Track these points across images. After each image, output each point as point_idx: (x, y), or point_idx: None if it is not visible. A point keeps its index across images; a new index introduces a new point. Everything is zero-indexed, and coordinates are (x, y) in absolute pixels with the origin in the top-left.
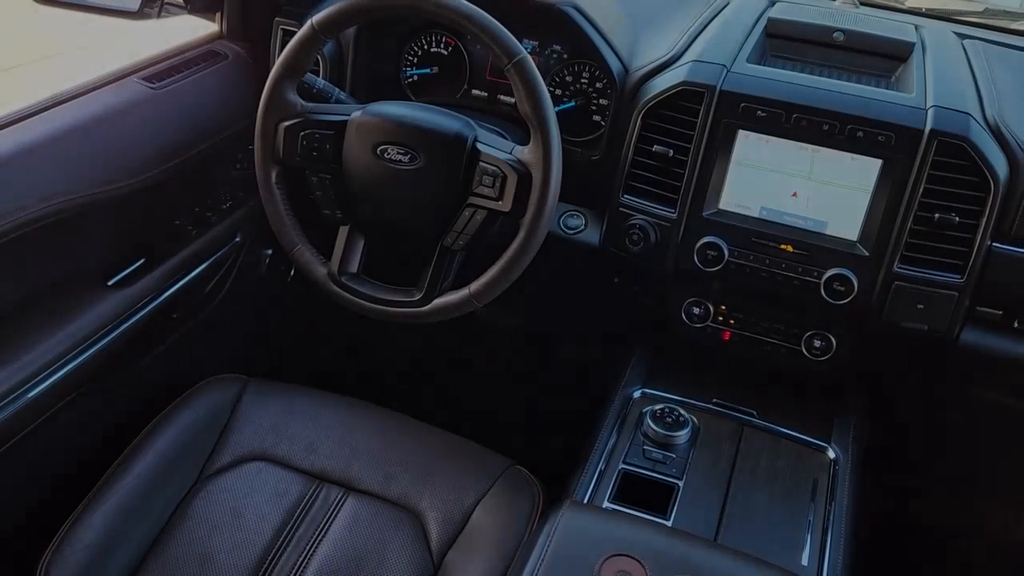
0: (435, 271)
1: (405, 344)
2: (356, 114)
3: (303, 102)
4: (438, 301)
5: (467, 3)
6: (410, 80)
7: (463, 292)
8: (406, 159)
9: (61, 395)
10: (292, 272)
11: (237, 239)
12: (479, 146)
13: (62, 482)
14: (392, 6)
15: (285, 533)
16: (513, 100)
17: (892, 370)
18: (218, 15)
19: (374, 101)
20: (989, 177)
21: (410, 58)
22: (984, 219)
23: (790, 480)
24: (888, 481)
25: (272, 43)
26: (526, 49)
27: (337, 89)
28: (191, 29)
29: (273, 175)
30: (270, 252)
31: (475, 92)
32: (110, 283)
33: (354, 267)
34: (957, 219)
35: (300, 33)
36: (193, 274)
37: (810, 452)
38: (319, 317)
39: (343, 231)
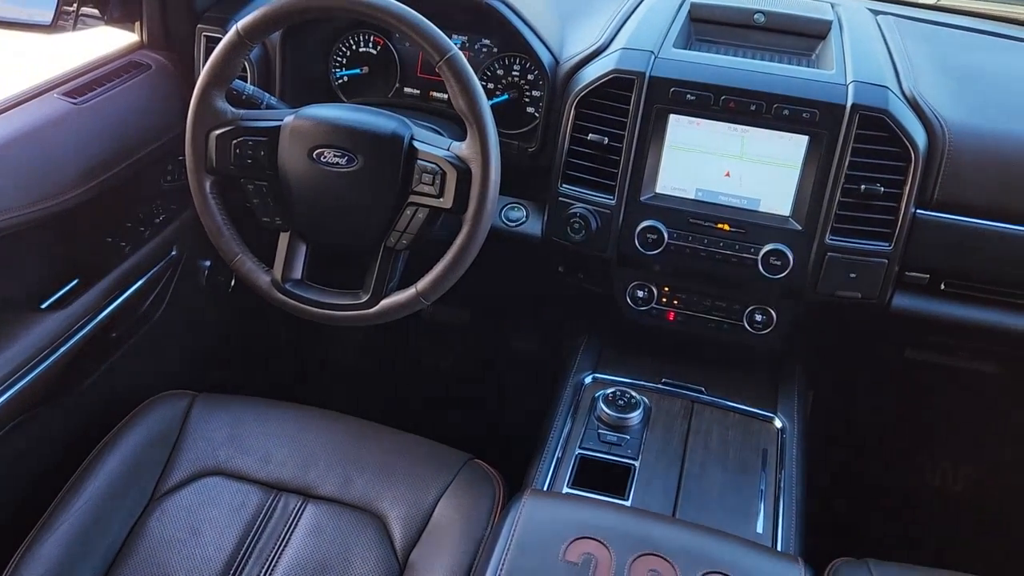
0: (380, 272)
1: (353, 347)
2: (289, 119)
3: (233, 109)
4: (386, 302)
5: (395, 2)
6: (340, 81)
7: (410, 291)
8: (343, 161)
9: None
10: (233, 283)
11: (173, 253)
12: (416, 144)
13: (9, 513)
14: (319, 8)
15: (246, 546)
16: (447, 96)
17: (830, 338)
18: (137, 24)
19: (305, 104)
20: (909, 147)
21: (339, 59)
22: (907, 188)
23: (741, 452)
24: (833, 444)
25: (196, 51)
26: (456, 45)
27: (267, 94)
28: (110, 40)
29: (207, 185)
30: (208, 264)
31: (407, 90)
32: (44, 306)
33: (298, 273)
34: (882, 189)
35: (225, 40)
36: (130, 291)
37: (758, 423)
38: (264, 327)
39: (284, 238)
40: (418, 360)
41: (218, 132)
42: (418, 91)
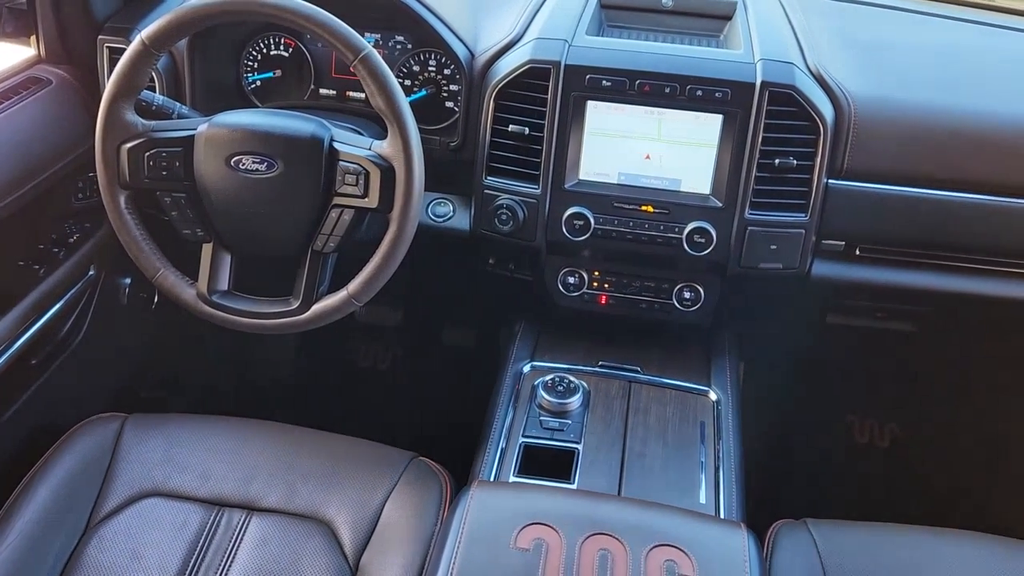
0: (309, 277)
1: (288, 355)
2: (202, 127)
3: (143, 121)
4: (317, 306)
5: (304, 2)
6: (253, 86)
7: (342, 294)
8: (263, 167)
9: None
10: (156, 299)
11: (91, 272)
12: (337, 145)
13: None
14: (225, 12)
15: (191, 566)
16: (364, 96)
17: (756, 310)
18: (33, 38)
19: (218, 112)
20: (817, 120)
21: (250, 63)
22: (818, 159)
23: (679, 427)
24: (766, 412)
25: (99, 63)
26: (369, 43)
27: (178, 104)
28: (5, 56)
29: (122, 200)
30: (129, 281)
31: (323, 92)
32: None
33: (224, 284)
34: (795, 162)
35: (130, 50)
36: (48, 315)
37: (694, 398)
38: (193, 341)
39: (207, 249)
40: (354, 363)
41: (129, 145)
42: (334, 92)
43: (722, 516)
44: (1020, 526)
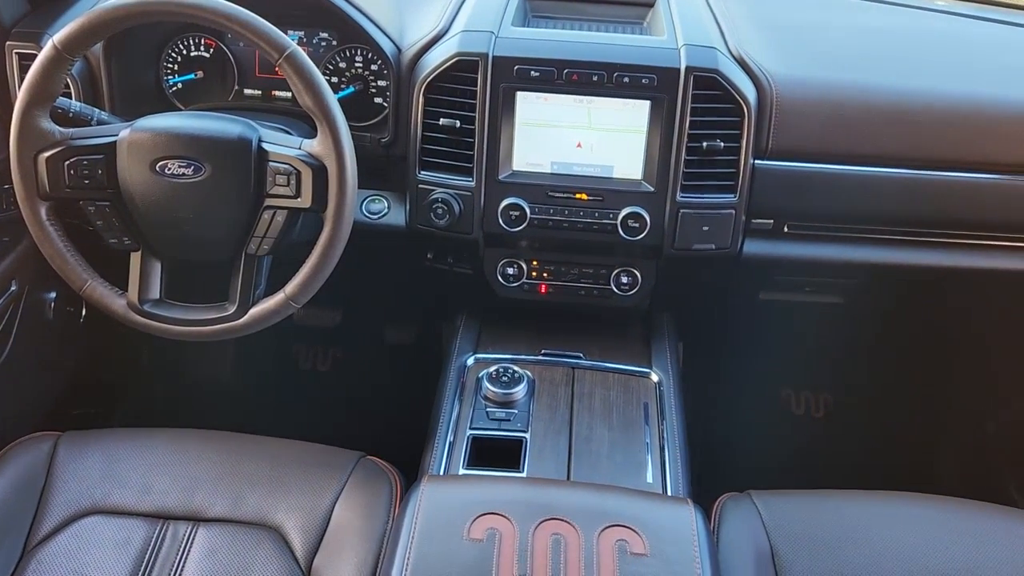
0: (245, 280)
1: (226, 362)
2: (124, 132)
3: (61, 129)
4: (254, 310)
5: (224, 1)
6: (174, 89)
7: (279, 296)
8: (189, 171)
9: None
10: (85, 312)
11: (13, 288)
12: (265, 146)
13: None
14: (141, 13)
15: None
16: (290, 94)
17: (692, 290)
18: None
19: (140, 116)
20: (741, 103)
21: (170, 66)
22: (744, 141)
23: (624, 409)
24: (707, 389)
25: (8, 70)
26: (293, 40)
27: (96, 110)
28: None
29: (43, 212)
30: (54, 295)
31: (248, 92)
32: None
33: (155, 293)
34: (722, 144)
35: (42, 55)
36: None
37: (636, 380)
38: (127, 353)
39: (135, 257)
40: (295, 365)
41: (47, 154)
42: (259, 92)
43: (669, 493)
44: (950, 483)
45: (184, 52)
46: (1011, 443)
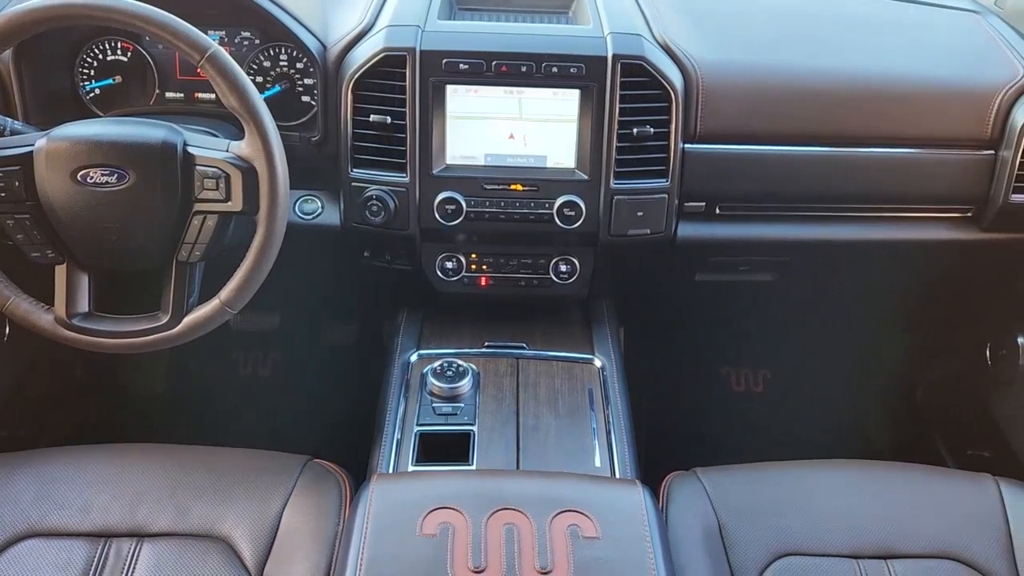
0: (177, 288)
1: (162, 372)
2: (41, 142)
3: None
4: (189, 318)
5: (139, 3)
6: (92, 95)
7: (214, 303)
8: (113, 179)
9: None
10: (8, 330)
11: None
12: (191, 150)
13: None
14: (52, 18)
15: None
16: (214, 96)
17: (630, 275)
18: None
19: (57, 124)
20: (668, 88)
21: (85, 71)
22: (673, 126)
23: (569, 396)
24: (649, 371)
25: None
26: (214, 40)
27: (9, 119)
28: None
29: None
30: None
31: (170, 95)
32: None
33: (84, 306)
34: (652, 130)
35: None
36: None
37: (580, 367)
38: (57, 370)
39: (60, 271)
40: (234, 372)
41: None
42: (181, 95)
43: (617, 476)
44: (883, 448)
45: (100, 57)
46: (938, 406)
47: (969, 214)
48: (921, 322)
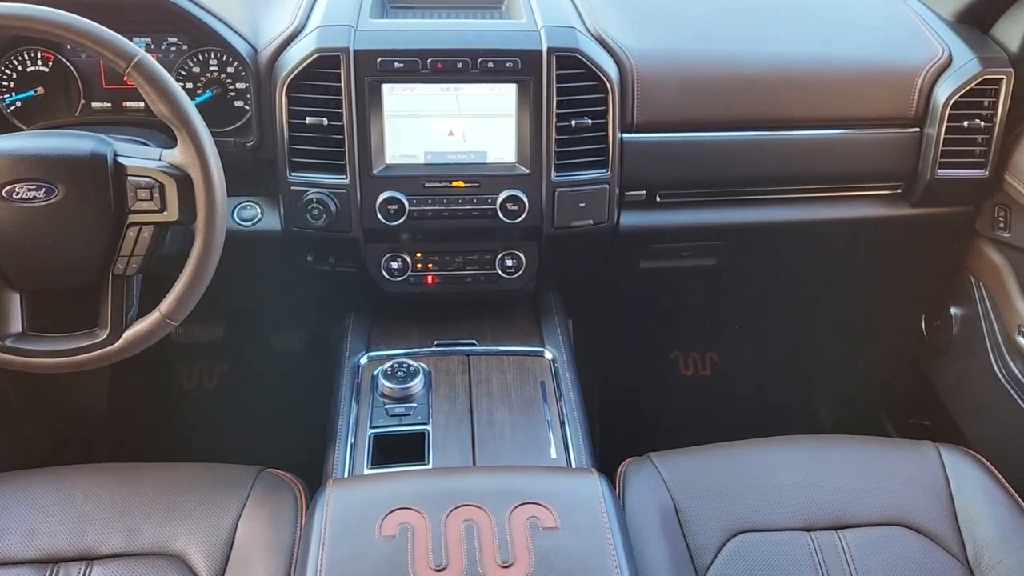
0: (115, 303)
1: (101, 391)
2: None
3: None
4: (129, 333)
5: (58, 11)
6: (13, 107)
7: (154, 315)
8: (41, 194)
9: None
10: None
11: None
12: (122, 160)
13: None
14: None
15: None
16: (144, 104)
17: (576, 266)
18: None
19: None
20: (604, 79)
21: (5, 83)
22: (610, 116)
23: (521, 390)
24: (601, 361)
25: None
26: (140, 48)
27: None
28: None
29: None
30: None
31: (96, 105)
32: None
33: (16, 326)
34: (590, 121)
35: None
36: None
37: (531, 360)
38: None
39: None
40: (179, 386)
41: None
42: (109, 104)
43: (573, 466)
44: (830, 422)
45: (19, 68)
46: (879, 379)
47: (899, 190)
48: (860, 298)
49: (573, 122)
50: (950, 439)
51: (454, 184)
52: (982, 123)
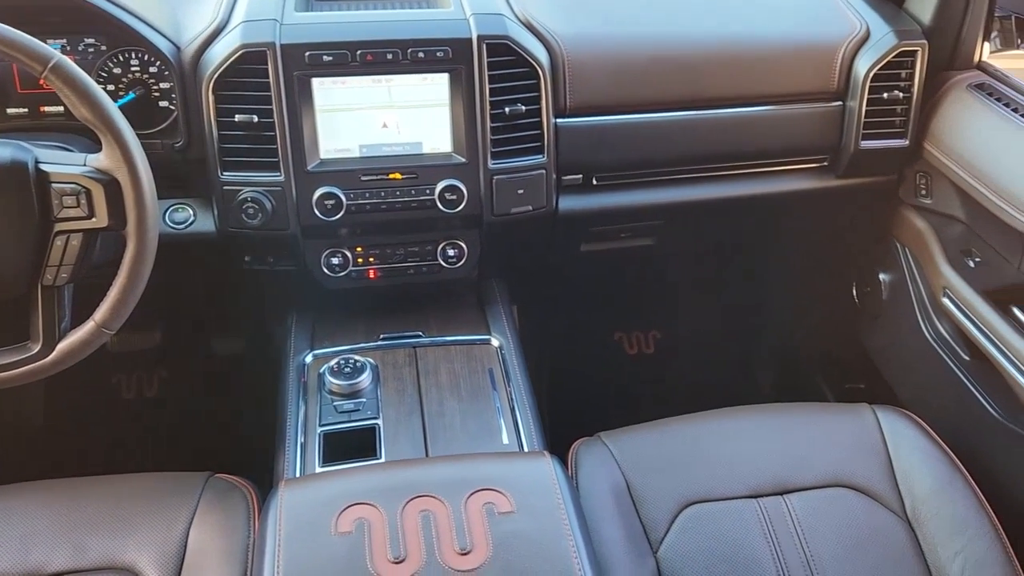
0: (46, 314)
1: (35, 407)
2: None
3: None
4: (63, 345)
5: None
6: None
7: (89, 325)
8: None
9: None
10: None
11: None
12: (44, 167)
13: None
14: None
15: None
16: (63, 108)
17: (517, 252)
18: None
19: None
20: (535, 65)
21: None
22: (543, 102)
23: (470, 379)
24: (547, 346)
25: None
26: (56, 50)
27: None
28: None
29: None
30: None
31: (12, 111)
32: None
33: None
34: (524, 108)
35: None
36: None
37: (478, 348)
38: None
39: None
40: (117, 396)
41: None
42: (25, 109)
43: (525, 451)
44: (771, 391)
45: None
46: (816, 347)
47: (825, 163)
48: (794, 270)
49: (507, 109)
50: (885, 401)
51: (391, 176)
52: (901, 94)
